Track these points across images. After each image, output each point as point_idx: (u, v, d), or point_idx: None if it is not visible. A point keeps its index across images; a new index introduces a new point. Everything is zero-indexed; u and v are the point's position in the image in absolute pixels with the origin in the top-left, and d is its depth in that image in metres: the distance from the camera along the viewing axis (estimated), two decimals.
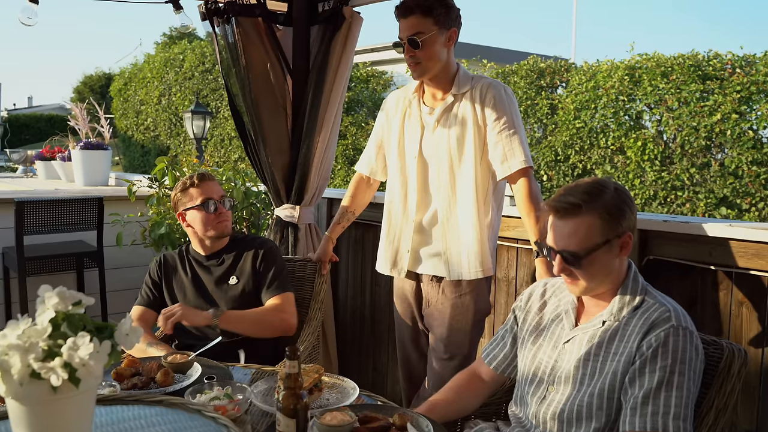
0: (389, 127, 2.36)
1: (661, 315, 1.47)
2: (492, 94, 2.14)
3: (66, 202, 3.64)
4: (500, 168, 2.13)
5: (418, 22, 2.09)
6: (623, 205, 1.50)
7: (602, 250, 1.49)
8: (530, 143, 7.87)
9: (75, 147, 4.90)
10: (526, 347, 1.70)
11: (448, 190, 2.18)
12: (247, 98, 2.96)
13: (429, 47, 2.10)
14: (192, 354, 1.75)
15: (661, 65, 6.81)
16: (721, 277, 2.13)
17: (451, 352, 2.23)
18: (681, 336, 1.43)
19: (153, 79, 13.37)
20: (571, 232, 1.50)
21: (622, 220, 1.50)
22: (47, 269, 3.88)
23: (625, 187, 1.57)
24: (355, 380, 1.74)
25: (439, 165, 2.19)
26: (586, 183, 1.53)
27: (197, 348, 1.96)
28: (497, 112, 2.12)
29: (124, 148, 15.05)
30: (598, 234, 1.48)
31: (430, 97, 2.25)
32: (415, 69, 2.16)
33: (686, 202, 6.55)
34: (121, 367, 1.65)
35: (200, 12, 2.89)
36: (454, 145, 2.16)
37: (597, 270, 1.51)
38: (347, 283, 3.47)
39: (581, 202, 1.49)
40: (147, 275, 2.36)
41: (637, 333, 1.47)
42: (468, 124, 2.15)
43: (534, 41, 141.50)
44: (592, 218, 1.48)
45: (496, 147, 2.13)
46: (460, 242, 2.18)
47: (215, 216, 2.28)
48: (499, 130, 2.12)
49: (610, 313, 1.54)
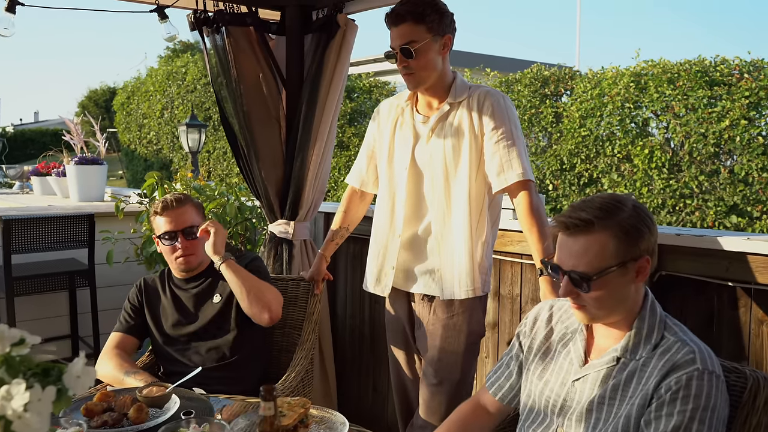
0: (380, 136, 2.23)
1: (685, 356, 1.30)
2: (490, 102, 2.01)
3: (55, 219, 3.53)
4: (496, 180, 2.00)
5: (411, 30, 1.96)
6: (642, 224, 1.34)
7: (615, 273, 1.33)
8: (535, 152, 7.73)
9: (69, 162, 4.81)
10: (531, 380, 1.56)
11: (443, 202, 2.05)
12: (239, 110, 2.85)
13: (423, 56, 1.98)
14: (170, 386, 1.63)
15: (667, 71, 6.68)
16: (739, 293, 1.99)
17: (441, 376, 2.09)
18: (707, 381, 1.26)
19: (155, 93, 13.34)
20: (582, 251, 1.34)
21: (640, 241, 1.33)
22: (38, 289, 3.77)
23: (645, 207, 1.42)
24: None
25: (434, 176, 2.06)
26: (601, 198, 1.38)
27: (180, 377, 1.84)
28: (495, 122, 1.99)
29: (128, 162, 15.01)
30: (612, 255, 1.32)
31: (424, 105, 2.12)
32: (410, 80, 2.03)
33: (695, 210, 6.40)
34: (91, 402, 1.53)
35: (189, 22, 2.79)
36: (450, 155, 2.03)
37: (608, 296, 1.35)
38: (345, 300, 3.34)
39: (594, 219, 1.32)
40: (126, 300, 2.25)
41: (656, 375, 1.31)
42: (464, 134, 2.02)
43: (537, 50, 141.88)
44: (606, 237, 1.32)
45: (492, 158, 2.00)
46: (453, 259, 2.05)
47: (174, 250, 2.15)
48: (496, 140, 1.99)
49: (625, 349, 1.38)
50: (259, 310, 2.08)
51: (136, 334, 2.21)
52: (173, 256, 2.17)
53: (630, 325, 1.39)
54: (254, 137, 2.86)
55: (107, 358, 2.10)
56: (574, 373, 1.46)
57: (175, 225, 2.15)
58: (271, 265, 2.94)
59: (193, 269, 2.21)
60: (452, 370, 2.09)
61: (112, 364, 2.06)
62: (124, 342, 2.17)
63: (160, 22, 2.56)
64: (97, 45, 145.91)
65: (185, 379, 1.73)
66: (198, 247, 2.18)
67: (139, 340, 2.23)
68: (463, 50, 10.65)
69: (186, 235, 2.16)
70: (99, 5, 2.45)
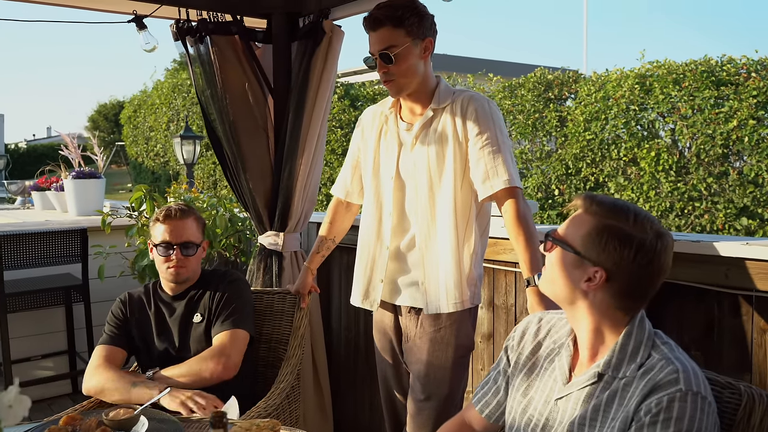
0: (365, 146, 2.17)
1: (668, 375, 1.20)
2: (474, 107, 1.93)
3: (46, 235, 3.49)
4: (482, 187, 1.91)
5: (390, 35, 1.89)
6: (627, 248, 1.27)
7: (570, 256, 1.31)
8: (540, 157, 7.64)
9: (67, 176, 4.78)
10: (514, 397, 1.48)
11: (427, 213, 1.98)
12: (225, 121, 2.79)
13: (403, 61, 1.91)
14: (138, 407, 1.56)
15: (672, 72, 6.58)
16: (740, 301, 1.90)
17: (428, 391, 2.01)
18: (690, 402, 1.16)
19: (161, 106, 13.38)
20: (572, 220, 1.35)
21: (606, 254, 1.27)
22: (34, 304, 3.75)
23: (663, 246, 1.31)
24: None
25: (417, 186, 1.99)
26: (632, 207, 1.34)
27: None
28: (479, 127, 1.92)
29: (135, 175, 15.07)
30: (579, 240, 1.31)
31: (407, 112, 2.05)
32: (391, 86, 1.96)
33: (704, 213, 6.27)
34: (54, 426, 1.46)
35: (172, 32, 2.74)
36: (434, 163, 1.96)
37: (559, 273, 1.33)
38: (340, 312, 3.27)
39: (593, 206, 1.32)
40: (110, 314, 2.19)
41: (637, 395, 1.22)
42: (448, 141, 1.95)
43: (543, 56, 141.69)
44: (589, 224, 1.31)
45: (477, 165, 1.91)
46: (439, 271, 1.97)
47: (168, 260, 2.11)
48: (481, 146, 1.91)
49: (608, 365, 1.29)
50: (210, 383, 2.01)
51: (123, 345, 2.15)
52: (165, 266, 2.13)
53: (614, 341, 1.31)
54: (241, 148, 2.80)
55: (102, 370, 2.02)
56: (557, 391, 1.38)
57: (174, 237, 2.12)
58: (261, 277, 2.88)
59: (182, 282, 2.16)
60: (440, 385, 2.01)
61: (107, 377, 1.99)
62: (113, 354, 2.11)
63: (138, 32, 2.52)
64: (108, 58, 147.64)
65: (154, 399, 1.66)
66: (191, 262, 2.15)
67: (126, 352, 2.17)
68: (464, 56, 10.58)
69: (183, 249, 2.12)
70: (75, 18, 2.42)
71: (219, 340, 2.07)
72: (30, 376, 3.78)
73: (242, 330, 2.10)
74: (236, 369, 2.04)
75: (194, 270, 2.17)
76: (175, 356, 2.11)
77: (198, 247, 2.15)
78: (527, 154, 7.82)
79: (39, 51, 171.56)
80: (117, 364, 2.11)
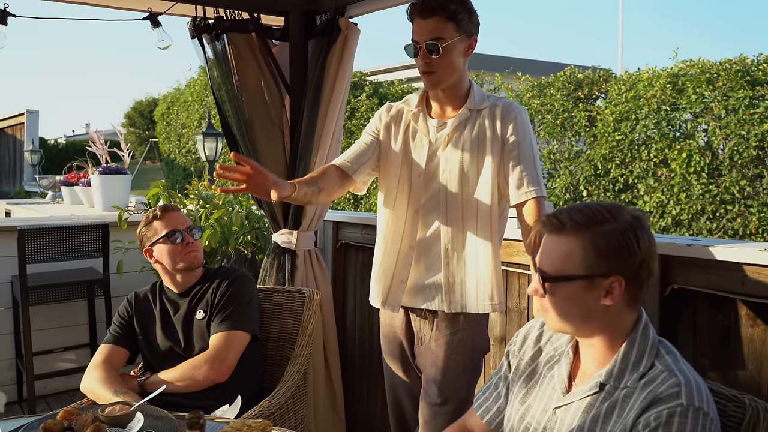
0: (388, 140, 2.06)
1: (669, 389, 1.16)
2: (514, 114, 1.93)
3: (68, 230, 3.55)
4: (516, 193, 1.90)
5: (440, 26, 1.85)
6: (626, 243, 1.21)
7: (578, 284, 1.22)
8: (568, 157, 7.52)
9: (94, 172, 4.88)
10: (513, 404, 1.44)
11: (458, 212, 1.95)
12: (240, 119, 2.80)
13: (448, 55, 1.87)
14: (134, 404, 1.57)
15: (706, 72, 6.39)
16: (758, 310, 1.82)
17: (446, 395, 1.98)
18: (691, 419, 1.12)
19: (194, 103, 13.56)
20: (551, 250, 1.26)
21: (615, 259, 1.21)
22: (56, 298, 3.81)
23: (647, 225, 1.27)
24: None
25: (448, 185, 1.96)
26: (597, 205, 1.27)
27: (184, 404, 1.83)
28: (518, 135, 1.91)
29: (168, 171, 15.29)
30: (578, 265, 1.22)
31: (438, 110, 2.02)
32: (430, 78, 1.91)
33: (737, 216, 6.09)
34: (50, 421, 1.48)
35: (189, 30, 2.76)
36: (468, 164, 1.94)
37: (569, 306, 1.25)
38: (355, 313, 3.26)
39: (568, 221, 1.24)
40: (116, 314, 2.23)
41: (637, 407, 1.17)
42: (486, 143, 1.93)
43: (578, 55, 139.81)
44: (576, 244, 1.23)
45: (514, 170, 1.91)
46: (467, 271, 1.95)
47: (183, 247, 2.13)
48: (519, 153, 1.91)
49: (609, 374, 1.25)
50: (203, 386, 2.03)
51: (126, 345, 2.18)
52: (182, 254, 2.14)
53: (617, 350, 1.27)
54: (256, 145, 2.81)
55: (94, 372, 2.07)
56: (556, 399, 1.34)
57: (180, 223, 2.17)
58: (274, 275, 2.88)
59: (197, 267, 2.19)
60: (458, 388, 1.99)
61: (97, 378, 2.03)
62: (113, 354, 2.14)
63: (152, 29, 2.54)
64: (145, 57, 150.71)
65: (150, 397, 1.67)
66: (199, 246, 2.20)
67: (129, 352, 2.19)
68: (492, 54, 10.46)
69: (191, 232, 2.17)
70: (91, 15, 2.44)
71: (215, 342, 2.08)
72: (52, 367, 3.86)
73: (240, 331, 2.09)
74: (230, 372, 2.05)
75: (200, 256, 2.20)
76: (180, 354, 2.13)
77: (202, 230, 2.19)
78: (555, 155, 7.70)
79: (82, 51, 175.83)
80: (116, 364, 2.14)
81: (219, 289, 2.15)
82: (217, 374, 2.03)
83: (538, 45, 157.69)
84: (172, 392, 2.01)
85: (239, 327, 2.09)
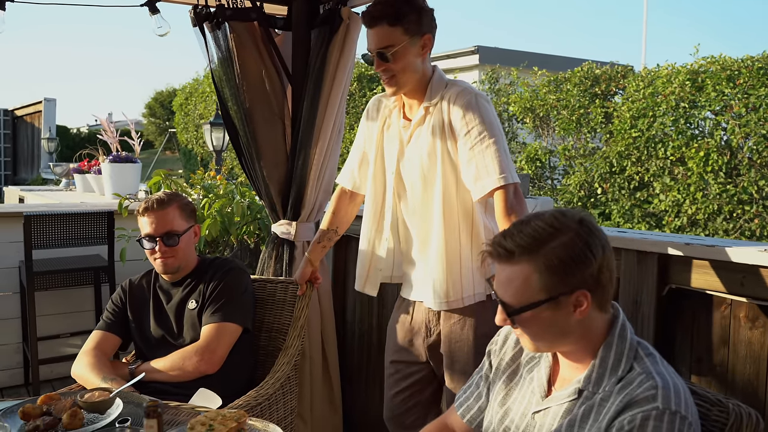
0: (369, 137, 2.13)
1: (646, 391, 1.12)
2: (461, 102, 1.85)
3: (73, 216, 3.57)
4: (474, 188, 1.83)
5: (387, 33, 1.83)
6: (579, 255, 1.16)
7: (544, 308, 1.17)
8: (583, 154, 7.42)
9: (105, 160, 4.91)
10: (492, 405, 1.41)
11: (423, 210, 1.94)
12: (240, 108, 2.78)
13: (402, 59, 1.85)
14: (114, 389, 1.56)
15: (726, 69, 6.26)
16: (757, 312, 1.77)
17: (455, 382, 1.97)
18: (666, 422, 1.07)
19: (211, 93, 13.62)
20: (506, 281, 1.20)
21: (573, 274, 1.16)
22: (63, 284, 3.85)
23: (595, 226, 1.20)
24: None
25: (413, 183, 1.96)
26: (538, 223, 1.19)
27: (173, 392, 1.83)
28: (468, 124, 1.83)
29: (185, 161, 15.41)
30: (538, 289, 1.17)
31: (407, 108, 2.01)
32: (390, 84, 1.90)
33: (754, 217, 5.96)
34: (29, 405, 1.48)
35: (191, 17, 2.74)
36: (426, 161, 1.91)
37: (542, 330, 1.20)
38: (354, 306, 3.23)
39: (516, 248, 1.17)
40: (110, 301, 2.23)
41: (612, 411, 1.14)
42: (437, 138, 1.89)
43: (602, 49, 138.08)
44: (530, 270, 1.17)
45: (469, 165, 1.83)
46: (432, 268, 1.92)
47: (152, 252, 2.11)
48: (470, 145, 1.82)
49: (588, 380, 1.21)
50: (193, 377, 2.02)
51: (118, 332, 2.18)
52: (152, 258, 2.13)
53: (594, 354, 1.23)
54: (256, 135, 2.79)
55: (84, 358, 2.07)
56: (535, 404, 1.31)
57: (155, 229, 2.10)
58: (272, 266, 2.86)
59: (173, 272, 2.16)
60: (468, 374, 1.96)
61: (86, 364, 2.03)
62: (105, 341, 2.14)
63: (150, 16, 2.52)
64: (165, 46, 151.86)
65: (127, 385, 1.66)
66: (178, 251, 2.13)
67: (121, 339, 2.19)
68: (508, 48, 10.33)
69: (165, 239, 2.10)
70: (88, 0, 2.43)
71: (206, 333, 2.07)
72: (58, 352, 3.89)
73: (231, 323, 2.08)
74: (220, 363, 2.05)
75: (184, 258, 2.15)
76: (172, 343, 2.12)
77: (180, 235, 2.11)
78: (570, 151, 7.60)
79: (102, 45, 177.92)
80: (107, 351, 2.14)
81: (212, 281, 2.13)
82: (207, 365, 2.02)
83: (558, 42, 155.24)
84: (162, 381, 2.01)
85: (231, 319, 2.08)
